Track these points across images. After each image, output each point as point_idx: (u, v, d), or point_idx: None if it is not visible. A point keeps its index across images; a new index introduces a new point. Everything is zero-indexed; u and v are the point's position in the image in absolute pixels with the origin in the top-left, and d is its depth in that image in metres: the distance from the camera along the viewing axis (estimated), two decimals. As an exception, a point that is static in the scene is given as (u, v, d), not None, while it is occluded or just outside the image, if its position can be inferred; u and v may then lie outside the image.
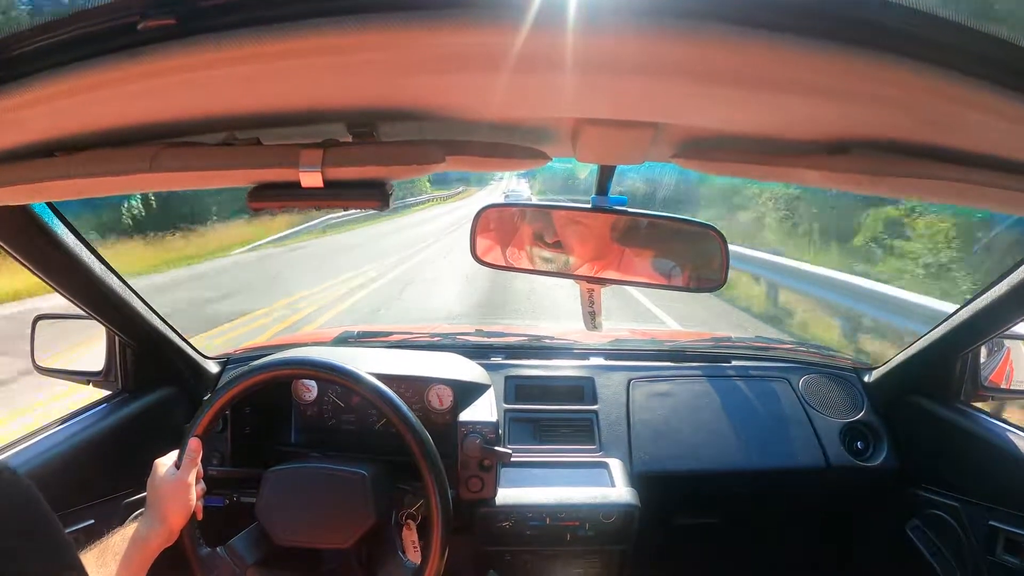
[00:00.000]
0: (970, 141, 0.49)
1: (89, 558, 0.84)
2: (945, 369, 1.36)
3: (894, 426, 1.49)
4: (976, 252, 6.18)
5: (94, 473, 1.19)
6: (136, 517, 0.99)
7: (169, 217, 12.39)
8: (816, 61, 0.38)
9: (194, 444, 1.02)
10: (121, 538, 0.90)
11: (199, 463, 1.02)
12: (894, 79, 0.39)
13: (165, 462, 1.02)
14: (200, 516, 1.03)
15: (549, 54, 0.39)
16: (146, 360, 1.34)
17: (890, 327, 5.04)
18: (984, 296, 1.16)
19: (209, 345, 2.12)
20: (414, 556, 1.14)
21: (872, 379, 1.57)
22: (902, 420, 1.48)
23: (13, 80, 0.43)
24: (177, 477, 0.99)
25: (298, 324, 6.37)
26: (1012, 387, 1.41)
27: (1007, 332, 1.24)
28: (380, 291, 8.08)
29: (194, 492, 1.00)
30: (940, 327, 1.30)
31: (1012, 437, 1.22)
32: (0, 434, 3.48)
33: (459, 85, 0.49)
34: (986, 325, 1.20)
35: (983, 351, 1.35)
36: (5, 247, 0.92)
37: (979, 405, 1.36)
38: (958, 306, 1.25)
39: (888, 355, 1.55)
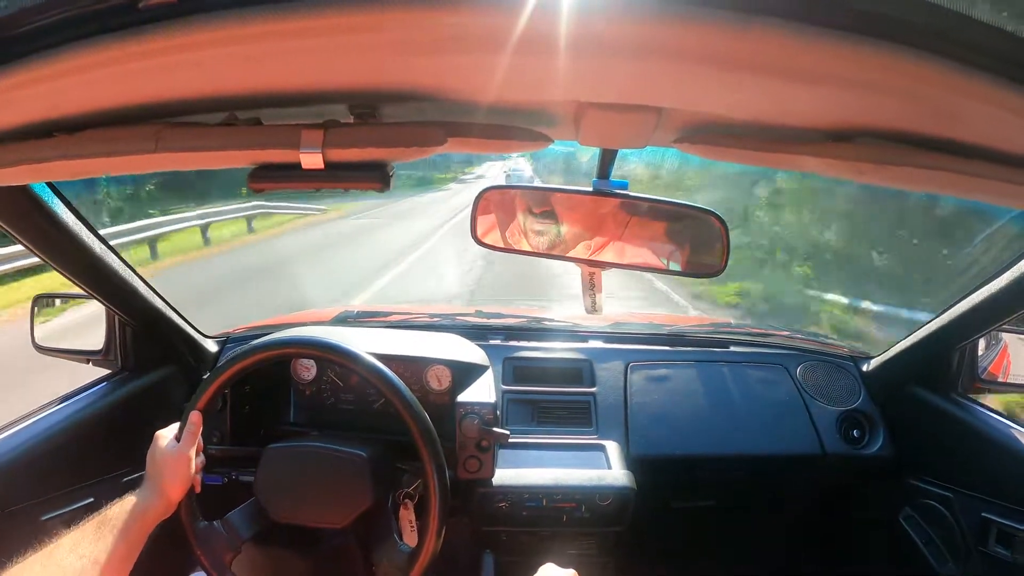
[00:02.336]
0: (974, 133, 0.49)
1: (87, 529, 0.85)
2: (943, 360, 1.36)
3: (891, 415, 1.50)
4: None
5: (93, 452, 1.20)
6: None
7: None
8: (823, 49, 0.38)
9: (195, 417, 1.02)
10: (119, 509, 0.90)
11: (199, 437, 1.03)
12: (900, 68, 0.39)
13: (166, 434, 1.02)
14: (199, 489, 1.04)
15: (552, 36, 0.39)
16: (145, 339, 1.34)
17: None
18: (983, 289, 1.16)
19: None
20: (411, 536, 1.15)
21: (870, 368, 1.57)
22: (899, 410, 1.48)
23: (12, 60, 0.42)
24: (178, 449, 0.99)
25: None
26: (1009, 380, 1.41)
27: (1005, 325, 1.24)
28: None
29: (194, 464, 1.01)
30: (939, 318, 1.30)
31: (1008, 430, 1.23)
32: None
33: (461, 67, 0.48)
34: (985, 318, 1.20)
35: (981, 343, 1.35)
36: (5, 227, 0.92)
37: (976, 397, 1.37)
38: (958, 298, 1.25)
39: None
